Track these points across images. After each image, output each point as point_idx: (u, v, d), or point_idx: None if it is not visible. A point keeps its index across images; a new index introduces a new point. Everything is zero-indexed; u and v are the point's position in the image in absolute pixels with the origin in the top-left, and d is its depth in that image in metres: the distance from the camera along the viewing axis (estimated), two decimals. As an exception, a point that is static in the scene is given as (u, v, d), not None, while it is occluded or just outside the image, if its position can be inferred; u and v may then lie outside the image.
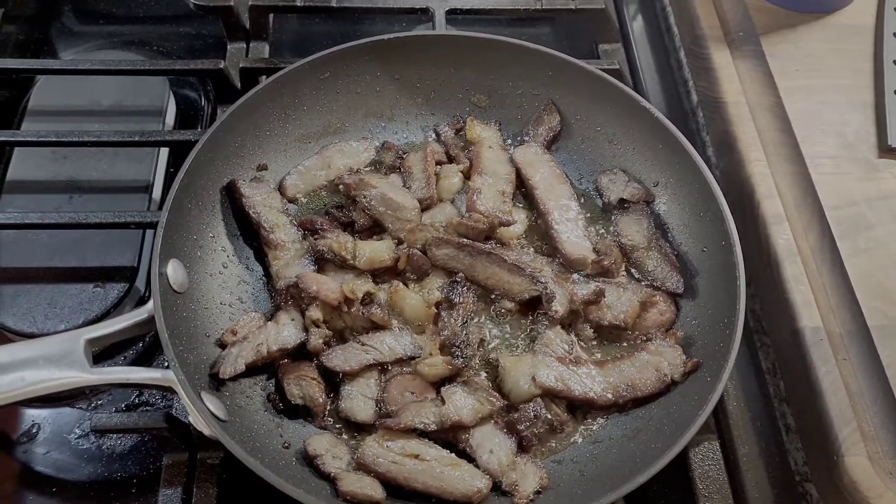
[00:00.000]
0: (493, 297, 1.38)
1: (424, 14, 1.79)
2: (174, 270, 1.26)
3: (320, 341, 1.29)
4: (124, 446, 1.35)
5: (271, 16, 1.84)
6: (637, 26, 2.00)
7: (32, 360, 1.13)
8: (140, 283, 1.48)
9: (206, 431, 1.12)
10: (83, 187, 1.57)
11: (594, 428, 1.28)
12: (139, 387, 1.36)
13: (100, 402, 1.39)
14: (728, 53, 1.75)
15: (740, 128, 1.63)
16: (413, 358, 1.29)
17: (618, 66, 1.72)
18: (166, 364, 1.38)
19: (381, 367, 1.29)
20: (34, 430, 1.36)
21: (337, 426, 1.27)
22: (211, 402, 1.16)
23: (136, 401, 1.40)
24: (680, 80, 1.87)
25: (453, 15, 1.79)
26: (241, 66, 1.68)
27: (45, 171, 1.58)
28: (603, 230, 1.49)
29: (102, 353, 1.37)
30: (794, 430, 1.38)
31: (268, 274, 1.41)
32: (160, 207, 1.53)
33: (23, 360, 1.12)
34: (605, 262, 1.38)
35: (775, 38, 1.72)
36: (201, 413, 1.10)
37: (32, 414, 1.38)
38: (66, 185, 1.57)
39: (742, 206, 1.53)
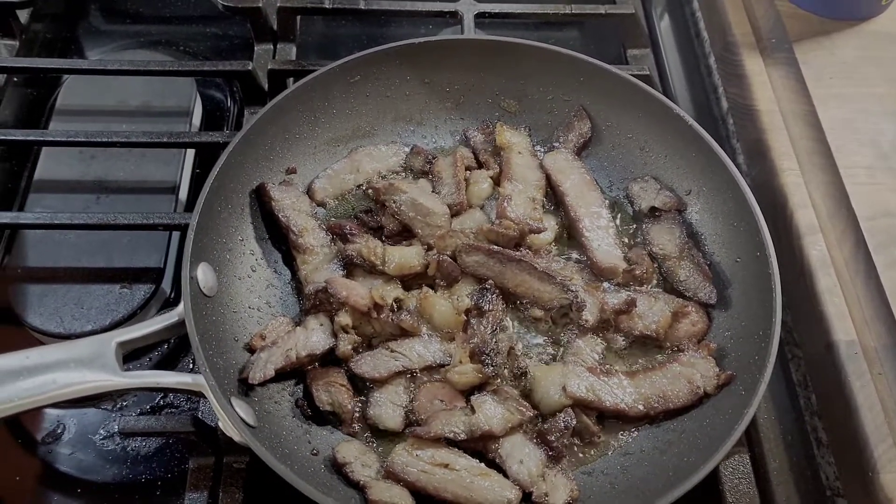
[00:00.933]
0: (522, 304, 1.36)
1: (453, 17, 1.77)
2: (204, 274, 1.26)
3: (349, 347, 1.28)
4: (149, 448, 1.35)
5: (298, 17, 1.82)
6: (665, 31, 1.98)
7: (64, 362, 1.12)
8: (166, 284, 1.48)
9: (237, 438, 1.11)
10: (110, 188, 1.56)
11: (625, 440, 1.26)
12: (169, 391, 1.35)
13: (125, 404, 1.39)
14: (760, 60, 1.73)
15: (773, 136, 1.60)
16: (442, 365, 1.28)
17: (648, 72, 1.70)
18: (192, 365, 1.40)
19: (410, 375, 1.28)
20: (59, 431, 1.36)
21: (365, 433, 1.26)
22: (241, 408, 1.15)
23: (161, 402, 1.39)
24: (710, 87, 1.85)
25: (482, 18, 1.77)
26: (269, 67, 1.67)
27: (72, 171, 1.58)
28: (634, 239, 1.47)
29: (128, 353, 1.37)
30: (825, 444, 1.36)
31: (296, 278, 1.40)
32: (186, 208, 1.56)
33: (54, 363, 1.12)
34: (637, 272, 1.36)
35: (808, 45, 1.69)
36: (232, 419, 1.09)
37: (57, 414, 1.37)
38: (94, 185, 1.57)
39: (774, 216, 1.51)
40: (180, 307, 1.19)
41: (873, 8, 1.72)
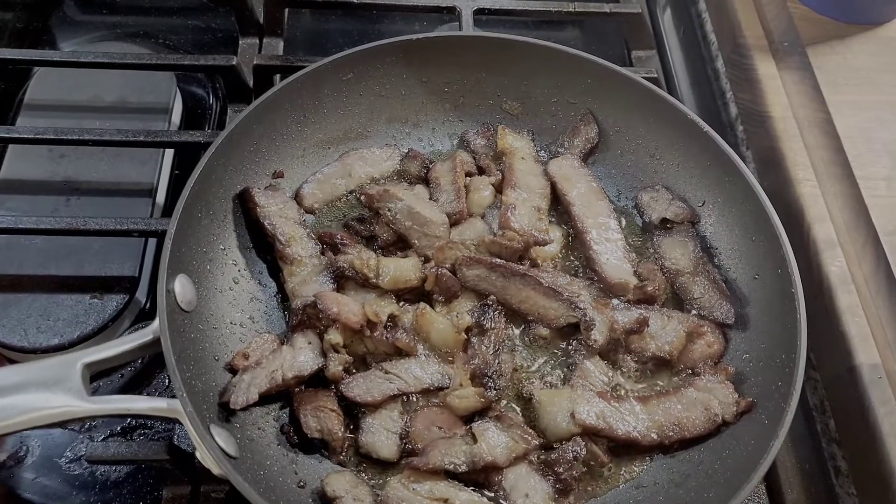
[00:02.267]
0: (526, 322, 1.28)
1: (451, 13, 1.69)
2: (182, 287, 1.16)
3: (340, 368, 1.19)
4: (120, 473, 1.27)
5: (286, 10, 1.73)
6: (670, 32, 1.91)
7: (24, 385, 1.02)
8: (141, 294, 1.40)
9: (216, 470, 1.02)
10: (82, 189, 1.49)
11: (637, 471, 1.18)
12: (141, 417, 1.26)
13: (94, 424, 1.30)
14: (773, 64, 1.66)
15: (787, 144, 1.54)
16: (441, 388, 1.19)
17: (656, 75, 1.63)
18: (167, 383, 1.31)
19: (406, 399, 1.20)
20: (22, 453, 1.28)
21: (357, 463, 1.17)
22: (220, 437, 1.05)
23: (134, 423, 1.31)
24: (717, 92, 1.78)
25: (480, 15, 1.69)
26: (254, 62, 1.59)
27: (40, 171, 1.50)
28: (644, 252, 1.39)
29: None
30: (845, 473, 1.30)
31: (282, 291, 1.31)
32: (164, 213, 1.49)
33: (13, 386, 1.02)
34: (649, 288, 1.28)
35: (822, 49, 1.63)
36: (211, 451, 1.00)
37: (20, 435, 1.29)
38: (64, 186, 1.49)
39: (789, 230, 1.42)
40: (155, 324, 1.09)
41: (889, 13, 1.67)
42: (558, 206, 1.42)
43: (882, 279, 1.33)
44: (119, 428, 1.29)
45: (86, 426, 1.30)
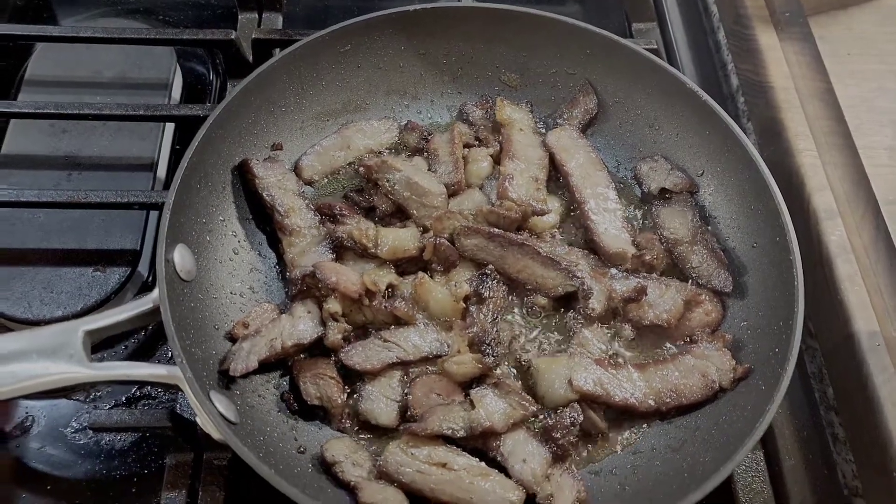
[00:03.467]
0: (524, 291, 1.29)
1: (449, -16, 1.67)
2: (181, 257, 1.17)
3: (339, 336, 1.20)
4: (124, 442, 1.28)
5: (286, -16, 1.73)
6: (671, 4, 1.89)
7: (25, 352, 1.04)
8: (143, 267, 1.41)
9: (216, 435, 1.03)
10: (83, 164, 1.49)
11: (634, 437, 1.19)
12: (142, 384, 1.27)
13: (98, 394, 1.32)
14: (774, 35, 1.65)
15: (788, 115, 1.53)
16: (439, 356, 1.20)
17: (656, 46, 1.63)
18: (170, 356, 1.32)
19: (405, 366, 1.20)
20: (28, 423, 1.29)
21: (356, 429, 1.18)
22: (220, 403, 1.07)
23: (138, 393, 1.32)
24: (718, 63, 1.77)
25: (479, -14, 1.67)
26: (253, 37, 1.59)
27: (42, 146, 1.50)
28: (643, 222, 1.39)
29: (99, 342, 1.29)
30: (842, 440, 1.30)
31: (282, 261, 1.32)
32: (165, 187, 1.48)
33: (13, 353, 1.03)
34: (647, 257, 1.28)
35: (825, 19, 1.62)
36: (210, 415, 1.01)
37: (26, 405, 1.30)
38: (65, 160, 1.49)
39: (790, 199, 1.42)
40: (155, 293, 1.11)
41: (893, -19, 1.65)
42: (558, 177, 1.42)
43: (882, 248, 1.33)
44: (123, 398, 1.31)
45: (90, 396, 1.31)
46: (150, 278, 1.41)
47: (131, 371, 1.05)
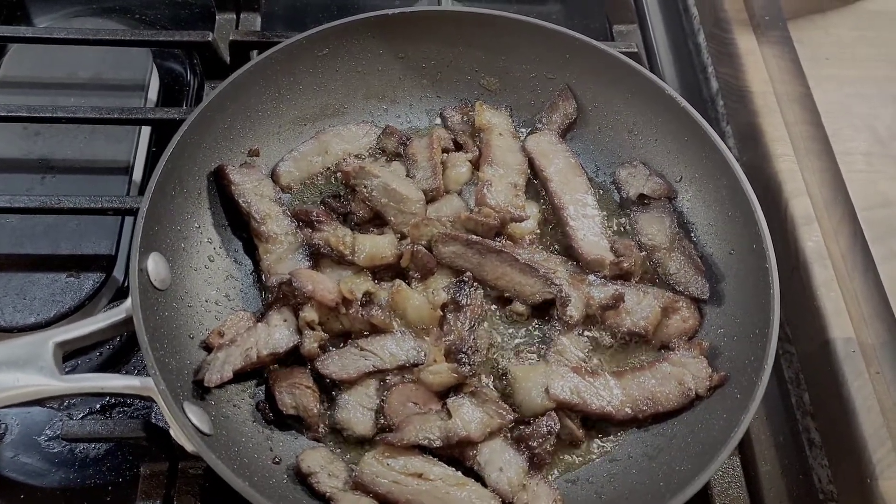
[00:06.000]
0: (502, 298, 1.28)
1: (429, -13, 1.67)
2: (155, 265, 1.16)
3: (315, 345, 1.19)
4: (99, 451, 1.27)
5: (264, -15, 1.71)
6: (652, 6, 1.89)
7: (-6, 364, 1.02)
8: (118, 272, 1.40)
9: (189, 448, 1.02)
10: (57, 167, 1.47)
11: (611, 445, 1.19)
12: (115, 395, 1.26)
13: (73, 403, 1.30)
14: (754, 38, 1.65)
15: (767, 119, 1.54)
16: (416, 365, 1.19)
17: (636, 50, 1.62)
18: (143, 364, 1.30)
19: (382, 375, 1.19)
20: (1, 431, 1.28)
21: (332, 439, 1.17)
22: (194, 414, 1.05)
23: (113, 401, 1.31)
24: (698, 66, 1.77)
25: (460, -12, 1.67)
26: (231, 38, 1.58)
27: (15, 149, 1.49)
28: (621, 227, 1.39)
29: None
30: (818, 445, 1.31)
31: (258, 268, 1.31)
32: (141, 192, 1.47)
33: (-16, 365, 1.01)
34: (625, 264, 1.28)
35: (803, 23, 1.62)
36: (184, 428, 1.00)
37: (-1, 413, 1.28)
38: (39, 164, 1.48)
39: (767, 205, 1.42)
40: (128, 302, 1.10)
41: (871, -15, 1.65)
42: (536, 182, 1.42)
43: (858, 254, 1.34)
44: (98, 406, 1.30)
45: (65, 404, 1.30)
46: (126, 283, 1.39)
47: (103, 383, 1.04)
